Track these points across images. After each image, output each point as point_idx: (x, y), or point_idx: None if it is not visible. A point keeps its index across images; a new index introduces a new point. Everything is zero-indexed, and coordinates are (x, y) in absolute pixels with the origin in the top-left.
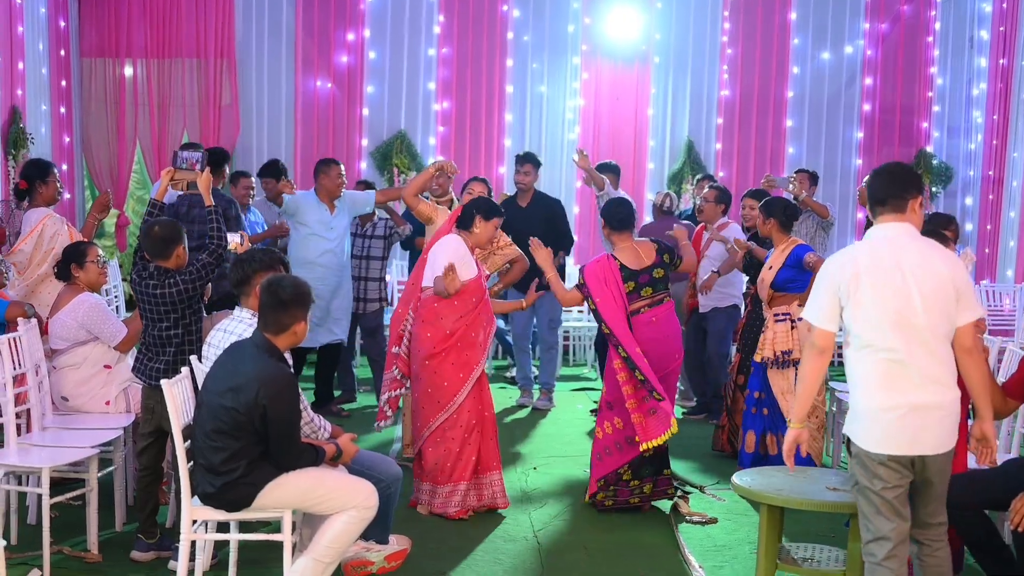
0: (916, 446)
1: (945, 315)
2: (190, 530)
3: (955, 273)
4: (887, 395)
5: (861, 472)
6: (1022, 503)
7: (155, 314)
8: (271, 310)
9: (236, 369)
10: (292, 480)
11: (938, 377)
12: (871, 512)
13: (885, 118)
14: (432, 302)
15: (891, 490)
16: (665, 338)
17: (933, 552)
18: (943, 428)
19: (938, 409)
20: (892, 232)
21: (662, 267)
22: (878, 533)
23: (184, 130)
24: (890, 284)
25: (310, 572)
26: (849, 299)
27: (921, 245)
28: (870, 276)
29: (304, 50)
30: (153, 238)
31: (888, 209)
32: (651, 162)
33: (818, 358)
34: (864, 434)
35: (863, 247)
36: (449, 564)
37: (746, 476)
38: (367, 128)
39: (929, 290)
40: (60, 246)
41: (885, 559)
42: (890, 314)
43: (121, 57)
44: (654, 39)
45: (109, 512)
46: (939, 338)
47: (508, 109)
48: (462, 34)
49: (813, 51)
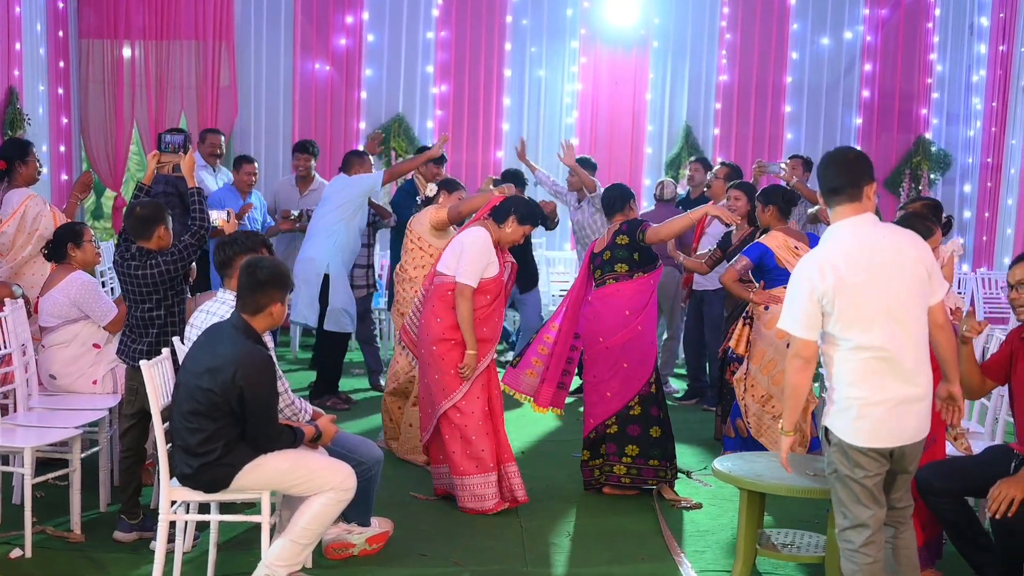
0: (899, 437)
1: (922, 300)
2: (168, 511)
3: (922, 254)
4: (874, 392)
5: (842, 461)
6: (1000, 490)
7: (137, 295)
8: (248, 291)
9: (213, 350)
10: (270, 462)
11: (922, 367)
12: (850, 500)
13: (884, 104)
14: (446, 290)
15: (871, 478)
16: (595, 318)
17: (901, 533)
18: (923, 417)
19: (921, 401)
20: (856, 227)
21: (610, 249)
22: (856, 520)
23: (182, 112)
24: (873, 284)
25: (287, 553)
26: (834, 307)
27: (887, 234)
28: (852, 280)
29: (303, 33)
30: (135, 218)
31: (844, 199)
32: (649, 147)
33: (804, 368)
34: (848, 429)
35: (835, 250)
36: (432, 547)
37: (727, 462)
38: (365, 111)
39: (907, 279)
40: (44, 227)
41: (863, 545)
42: (880, 313)
43: (120, 38)
44: (653, 23)
45: (94, 492)
46: (920, 325)
47: (506, 93)
48: (460, 17)
49: (812, 36)
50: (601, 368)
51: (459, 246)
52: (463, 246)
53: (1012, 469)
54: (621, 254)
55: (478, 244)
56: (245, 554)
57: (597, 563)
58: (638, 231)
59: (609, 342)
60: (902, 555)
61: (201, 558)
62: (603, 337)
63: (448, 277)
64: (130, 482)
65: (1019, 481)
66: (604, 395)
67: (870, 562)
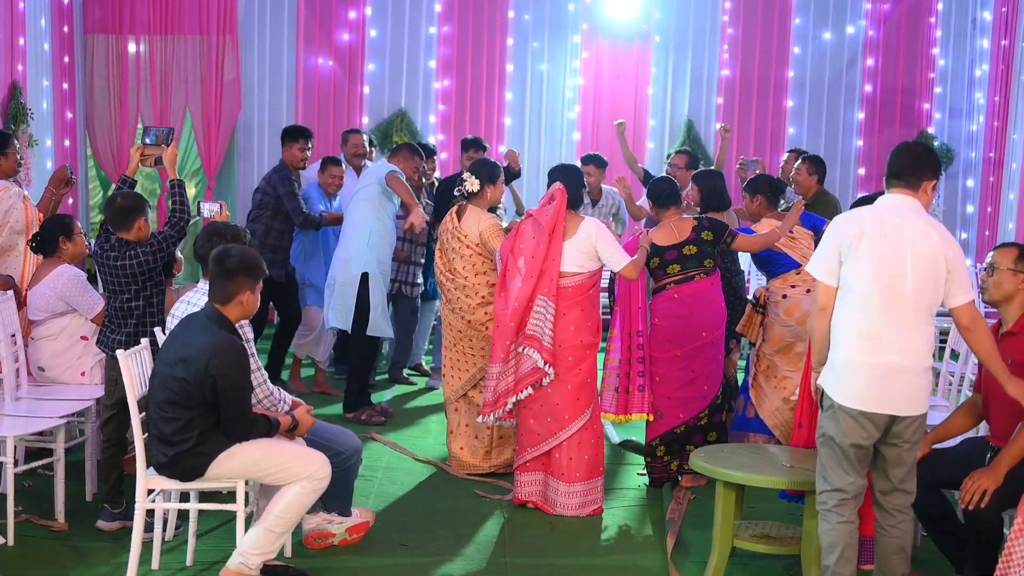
0: (888, 404)
1: (932, 286)
2: (145, 499)
3: (949, 250)
4: (866, 353)
5: (830, 423)
6: (972, 482)
7: (116, 286)
8: (218, 280)
9: (187, 340)
10: (244, 450)
11: (916, 345)
12: (831, 463)
13: (886, 99)
14: (587, 289)
15: (855, 447)
16: (688, 315)
17: (896, 523)
18: (915, 390)
19: (912, 373)
20: (899, 202)
21: (695, 244)
22: (834, 485)
23: (187, 107)
24: (888, 248)
25: (262, 541)
26: (848, 255)
27: (923, 219)
28: (870, 236)
29: (306, 27)
30: (115, 209)
31: (901, 184)
32: (651, 141)
33: (821, 315)
34: (840, 388)
35: (870, 210)
36: (412, 537)
37: (705, 453)
38: (368, 106)
39: (922, 259)
40: (15, 220)
41: (836, 505)
42: (881, 276)
43: (124, 34)
44: (654, 18)
45: (81, 482)
46: (922, 307)
47: (508, 87)
48: (463, 12)
49: (814, 31)
50: (700, 362)
51: (586, 244)
52: (595, 238)
53: (987, 461)
54: (708, 249)
55: (606, 230)
56: (225, 542)
57: (578, 554)
58: (726, 234)
59: (713, 335)
60: (894, 545)
61: (181, 546)
62: (706, 332)
63: (582, 274)
64: (112, 472)
65: (992, 472)
66: (701, 388)
67: (842, 521)
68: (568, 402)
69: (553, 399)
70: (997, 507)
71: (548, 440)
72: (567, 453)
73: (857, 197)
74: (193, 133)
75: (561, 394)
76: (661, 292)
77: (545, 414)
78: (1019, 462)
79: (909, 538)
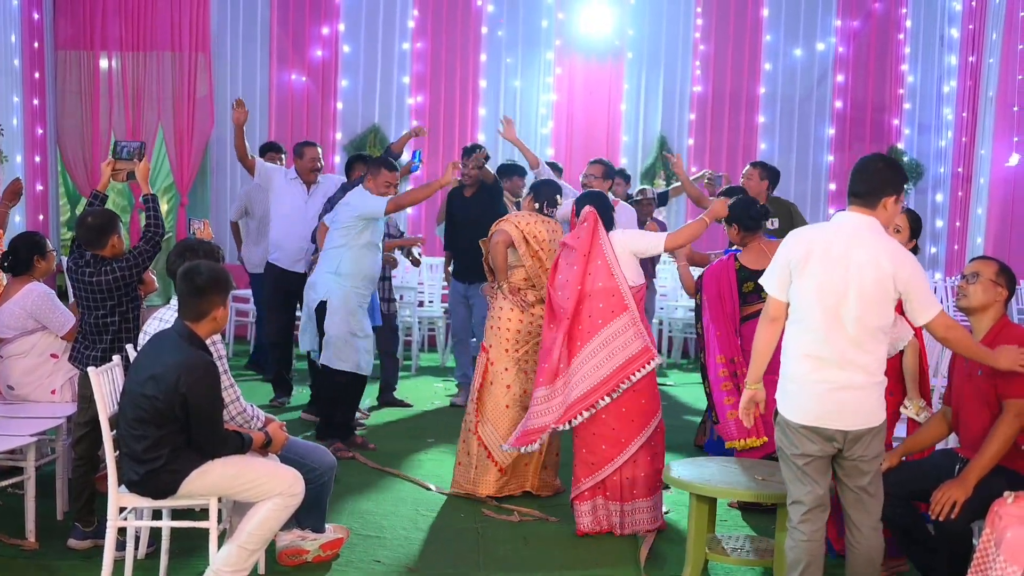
0: (837, 420)
1: (877, 312)
2: (116, 517)
3: (900, 273)
4: (811, 371)
5: (783, 438)
6: (942, 493)
7: (91, 301)
8: (188, 297)
9: (157, 358)
10: (217, 467)
11: (862, 364)
12: (789, 476)
13: (856, 115)
14: (640, 300)
15: (806, 458)
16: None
17: (865, 537)
18: (863, 404)
19: (859, 389)
20: (854, 222)
21: None
22: (794, 496)
23: (159, 123)
24: (832, 273)
25: (235, 559)
26: (796, 274)
27: (877, 241)
28: (817, 259)
29: (279, 43)
30: (87, 228)
31: (859, 202)
32: (624, 157)
33: (769, 325)
34: (788, 402)
35: (821, 230)
36: (386, 553)
37: (678, 467)
38: (341, 122)
39: (868, 285)
40: None
41: (800, 522)
42: (824, 300)
43: (96, 49)
44: (627, 35)
45: (51, 500)
46: (867, 331)
47: (482, 103)
48: (436, 28)
49: (785, 48)
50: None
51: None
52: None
53: (956, 472)
54: None
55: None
56: (197, 560)
57: (552, 568)
58: None
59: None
60: (862, 559)
61: (153, 565)
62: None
63: (634, 287)
64: (84, 490)
65: (961, 483)
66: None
67: (804, 539)
68: (623, 424)
69: (609, 423)
70: (967, 518)
71: (604, 467)
72: (624, 474)
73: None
74: (165, 149)
75: (616, 418)
76: (756, 318)
77: (599, 440)
78: (988, 473)
79: (878, 552)
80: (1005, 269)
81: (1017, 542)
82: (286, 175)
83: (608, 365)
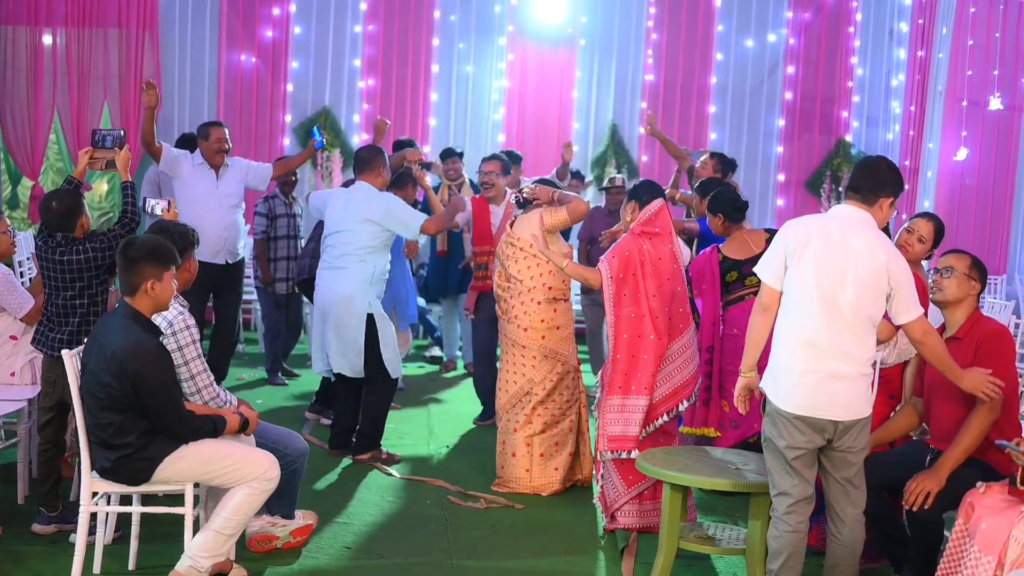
0: (827, 410)
1: (872, 301)
2: (90, 502)
3: (893, 268)
4: (805, 360)
5: (771, 428)
6: (916, 484)
7: (60, 282)
8: (122, 270)
9: (105, 342)
10: (191, 452)
11: (854, 354)
12: (776, 468)
13: (806, 107)
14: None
15: (795, 450)
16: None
17: (849, 530)
18: (854, 395)
19: (850, 379)
20: (851, 214)
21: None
22: (780, 488)
23: (105, 101)
24: (830, 259)
25: (211, 544)
26: (792, 261)
27: (873, 233)
28: (816, 246)
29: (228, 23)
30: (53, 213)
31: (858, 197)
32: (575, 144)
33: (763, 314)
34: (780, 392)
35: (820, 219)
36: (355, 539)
37: (651, 455)
38: (291, 104)
39: (865, 274)
40: None
41: (785, 514)
42: (822, 285)
43: (40, 25)
44: (580, 22)
45: (13, 485)
46: (861, 319)
47: (434, 88)
48: (388, 12)
49: (737, 38)
50: None
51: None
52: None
53: (927, 463)
54: None
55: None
56: (167, 546)
57: (522, 555)
58: None
59: None
60: (844, 552)
61: (122, 550)
62: None
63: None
64: (49, 474)
65: (934, 474)
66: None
67: (789, 531)
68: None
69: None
70: (939, 508)
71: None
72: None
73: None
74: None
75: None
76: (738, 303)
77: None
78: (960, 465)
79: (860, 544)
80: (978, 263)
81: (992, 532)
82: (192, 160)
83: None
